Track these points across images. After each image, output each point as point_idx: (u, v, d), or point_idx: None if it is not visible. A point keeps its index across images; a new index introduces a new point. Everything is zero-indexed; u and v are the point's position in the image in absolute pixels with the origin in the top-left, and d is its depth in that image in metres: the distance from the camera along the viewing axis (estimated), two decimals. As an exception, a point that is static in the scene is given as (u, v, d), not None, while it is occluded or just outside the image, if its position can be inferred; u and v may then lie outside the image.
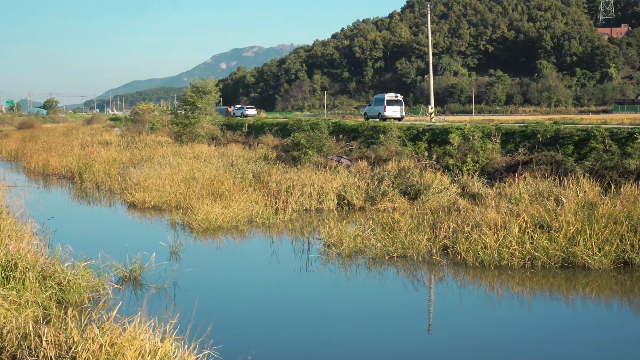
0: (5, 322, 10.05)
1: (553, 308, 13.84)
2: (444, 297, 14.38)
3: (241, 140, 54.02)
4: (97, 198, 29.71)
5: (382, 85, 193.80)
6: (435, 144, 34.39)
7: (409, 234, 17.64)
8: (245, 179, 27.02)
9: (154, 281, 14.92)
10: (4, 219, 18.12)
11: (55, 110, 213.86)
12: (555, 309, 13.80)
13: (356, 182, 25.53)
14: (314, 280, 15.58)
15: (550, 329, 12.54)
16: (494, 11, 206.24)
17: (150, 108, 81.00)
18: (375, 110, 54.21)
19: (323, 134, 38.28)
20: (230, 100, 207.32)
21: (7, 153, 55.34)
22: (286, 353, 11.13)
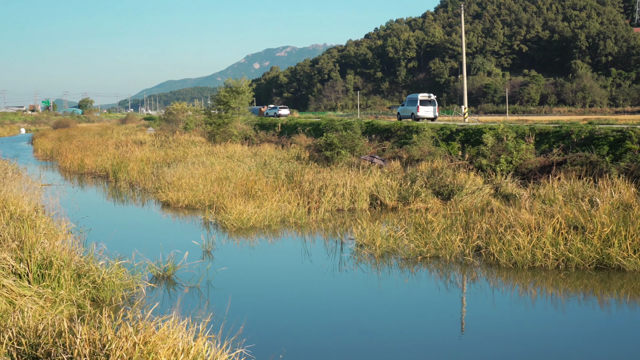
0: (41, 320, 10.15)
1: (587, 310, 13.73)
2: (477, 298, 14.31)
3: (274, 140, 54.13)
4: (131, 197, 29.91)
5: (415, 85, 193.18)
6: (469, 144, 34.26)
7: (441, 234, 17.59)
8: (278, 179, 27.07)
9: (187, 280, 15.00)
10: (39, 218, 18.31)
11: (90, 109, 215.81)
12: (589, 311, 13.69)
13: (389, 182, 25.49)
14: (346, 280, 15.58)
15: (584, 331, 12.45)
16: (528, 11, 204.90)
17: (183, 108, 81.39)
18: (408, 111, 54.09)
19: (356, 134, 38.24)
20: (264, 100, 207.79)
21: (42, 152, 55.84)
22: (317, 352, 11.14)
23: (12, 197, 20.99)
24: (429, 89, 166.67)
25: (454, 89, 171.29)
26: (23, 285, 11.96)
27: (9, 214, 18.37)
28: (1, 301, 11.15)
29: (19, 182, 25.68)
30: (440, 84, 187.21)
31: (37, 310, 10.96)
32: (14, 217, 18.11)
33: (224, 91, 57.34)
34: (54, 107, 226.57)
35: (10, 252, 13.01)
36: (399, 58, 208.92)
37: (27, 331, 9.46)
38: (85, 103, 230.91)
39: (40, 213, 19.92)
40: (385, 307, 13.76)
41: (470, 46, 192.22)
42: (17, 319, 10.00)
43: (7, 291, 11.48)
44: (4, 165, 31.33)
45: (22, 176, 28.85)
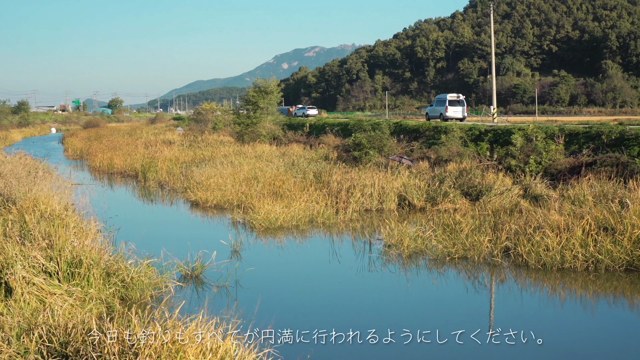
0: (70, 318, 10.23)
1: (617, 312, 13.64)
2: (505, 299, 14.26)
3: (302, 140, 54.15)
4: (160, 197, 30.07)
5: (444, 86, 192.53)
6: (498, 144, 34.09)
7: (470, 235, 17.53)
8: (306, 179, 27.10)
9: (215, 279, 15.06)
10: (69, 217, 18.47)
11: (120, 109, 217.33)
12: (619, 313, 13.60)
13: (417, 183, 25.43)
14: (374, 281, 15.57)
15: (613, 334, 12.36)
16: (558, 10, 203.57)
17: (212, 108, 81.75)
18: (437, 111, 53.91)
19: (384, 134, 38.22)
20: (292, 100, 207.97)
21: (72, 152, 56.27)
22: (345, 354, 11.14)
23: (43, 196, 21.16)
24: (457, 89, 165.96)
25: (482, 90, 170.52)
26: (53, 284, 12.06)
27: (40, 213, 18.53)
28: (32, 299, 11.25)
29: (49, 182, 25.90)
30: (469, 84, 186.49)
31: (66, 309, 11.05)
32: (44, 216, 18.27)
33: (252, 91, 57.49)
34: (84, 107, 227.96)
35: (41, 250, 13.13)
36: (428, 58, 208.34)
37: (57, 329, 9.54)
38: (115, 103, 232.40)
39: (70, 212, 20.08)
40: (413, 309, 13.75)
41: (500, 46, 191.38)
42: (47, 317, 10.09)
43: (37, 289, 11.59)
44: (35, 164, 31.59)
45: (52, 175, 29.09)
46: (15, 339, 9.30)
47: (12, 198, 21.50)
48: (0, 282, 11.71)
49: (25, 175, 26.36)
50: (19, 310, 10.69)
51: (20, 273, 11.63)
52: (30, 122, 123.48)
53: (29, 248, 13.23)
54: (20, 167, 29.07)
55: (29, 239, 14.62)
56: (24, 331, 9.65)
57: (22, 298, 11.18)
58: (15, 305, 10.91)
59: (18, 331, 9.60)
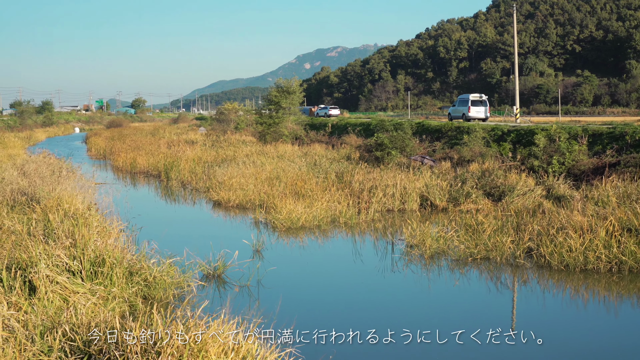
0: (93, 317, 10.29)
1: (641, 314, 13.56)
2: (528, 300, 14.21)
3: (324, 140, 54.17)
4: (182, 196, 30.18)
5: (467, 86, 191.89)
6: (520, 145, 33.96)
7: (492, 235, 17.47)
8: (328, 179, 27.11)
9: (237, 279, 15.09)
10: (92, 216, 18.57)
11: (143, 109, 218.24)
12: (643, 314, 13.52)
13: (439, 183, 25.37)
14: (396, 281, 15.56)
15: (637, 335, 12.29)
16: (582, 10, 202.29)
17: (235, 108, 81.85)
18: (459, 111, 53.76)
19: (406, 135, 38.18)
20: (314, 100, 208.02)
21: (96, 151, 56.57)
22: (367, 353, 11.14)
23: (67, 195, 21.29)
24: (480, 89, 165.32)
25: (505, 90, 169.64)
26: (76, 283, 12.13)
27: (63, 212, 18.64)
28: (55, 298, 11.32)
29: (73, 181, 26.05)
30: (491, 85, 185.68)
31: (89, 307, 11.11)
32: (68, 215, 18.37)
33: (275, 91, 57.57)
34: (108, 107, 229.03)
35: (64, 249, 13.20)
36: (450, 58, 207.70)
37: (80, 328, 9.59)
38: (138, 103, 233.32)
39: (93, 211, 20.18)
40: (436, 309, 13.72)
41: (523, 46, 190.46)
42: (71, 316, 10.15)
43: (61, 288, 11.66)
44: (58, 164, 31.78)
45: (76, 175, 29.25)
46: (39, 337, 9.36)
47: (36, 197, 21.64)
48: (25, 280, 11.79)
49: (49, 174, 26.53)
50: (42, 309, 10.76)
51: (44, 272, 11.71)
52: (54, 121, 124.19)
53: (52, 247, 13.32)
54: (44, 167, 29.25)
55: (52, 237, 14.72)
56: (47, 329, 9.72)
57: (46, 296, 11.24)
58: (39, 303, 10.98)
59: (42, 329, 9.67)
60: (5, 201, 21.53)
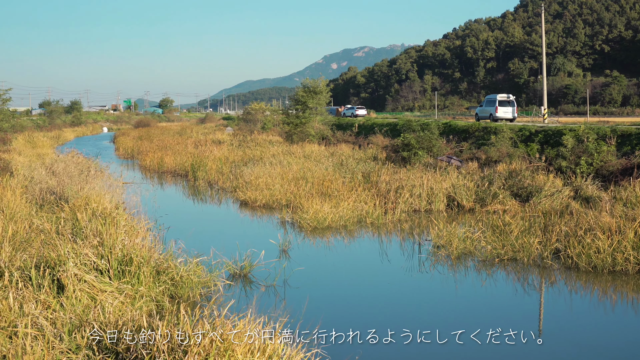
0: (121, 315, 10.35)
1: (670, 316, 13.45)
2: (555, 301, 14.13)
3: (351, 140, 54.11)
4: (209, 196, 30.28)
5: (494, 86, 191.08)
6: (548, 145, 33.77)
7: (519, 236, 17.39)
8: (355, 179, 27.10)
9: (264, 278, 15.13)
10: (120, 215, 18.67)
11: (170, 109, 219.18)
12: (672, 317, 13.41)
13: (466, 184, 25.29)
14: (423, 282, 15.53)
15: (667, 338, 12.19)
16: (611, 10, 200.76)
17: (262, 108, 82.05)
18: (487, 111, 53.50)
19: (433, 135, 38.06)
20: (341, 100, 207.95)
21: (124, 151, 56.89)
22: (394, 354, 11.12)
23: (95, 194, 21.44)
24: (507, 89, 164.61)
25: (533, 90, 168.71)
26: (104, 281, 12.21)
27: (91, 211, 18.77)
28: (83, 296, 11.40)
29: (101, 180, 26.23)
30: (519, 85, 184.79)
31: (117, 306, 11.18)
32: (95, 214, 18.50)
33: (301, 91, 57.63)
34: (135, 107, 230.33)
35: (92, 248, 13.29)
36: (478, 58, 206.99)
37: (108, 326, 9.66)
38: (166, 103, 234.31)
39: (121, 210, 20.30)
40: (462, 310, 13.67)
41: (551, 46, 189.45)
42: (98, 314, 10.22)
43: (88, 286, 11.74)
44: (87, 163, 32.00)
45: (104, 174, 29.44)
46: (67, 335, 9.44)
47: (64, 196, 21.82)
48: (53, 279, 11.88)
49: (78, 173, 26.72)
50: (70, 307, 10.84)
51: (72, 270, 11.79)
52: (83, 121, 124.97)
53: (80, 246, 13.40)
54: (73, 166, 29.47)
55: (80, 236, 14.83)
56: (75, 328, 9.79)
57: (74, 295, 11.32)
58: (68, 302, 11.06)
59: (70, 327, 9.74)
60: (35, 200, 21.72)
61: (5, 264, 12.47)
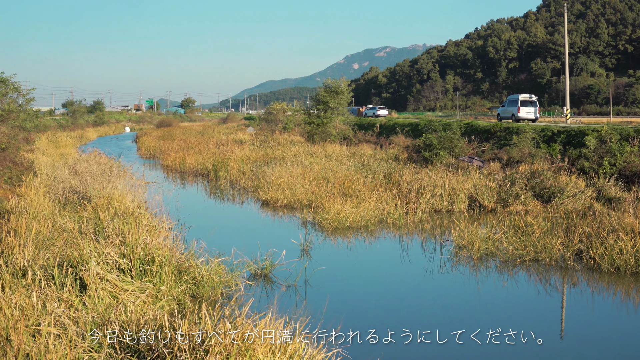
0: (143, 314, 10.40)
1: (694, 318, 13.35)
2: (577, 303, 14.06)
3: (372, 140, 54.06)
4: (231, 195, 30.35)
5: (516, 86, 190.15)
6: (570, 146, 33.59)
7: (541, 237, 17.33)
8: (376, 179, 27.09)
9: (285, 278, 15.15)
10: (142, 215, 18.78)
11: (192, 109, 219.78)
12: (696, 319, 13.31)
13: (488, 184, 25.21)
14: (444, 282, 15.50)
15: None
16: (634, 10, 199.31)
17: (283, 108, 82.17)
18: (509, 111, 53.30)
19: (455, 135, 37.95)
20: (362, 100, 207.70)
21: (146, 151, 57.10)
22: (415, 354, 11.11)
23: (117, 194, 21.56)
24: (530, 89, 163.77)
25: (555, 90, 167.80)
26: (126, 280, 12.27)
27: (114, 211, 18.88)
28: (105, 295, 11.46)
29: (123, 180, 26.36)
30: (541, 85, 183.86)
31: (139, 305, 11.23)
32: (118, 213, 18.61)
33: (323, 91, 57.64)
34: (158, 107, 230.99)
35: (114, 247, 13.37)
36: (500, 58, 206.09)
37: (130, 325, 9.70)
38: (188, 102, 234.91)
39: (143, 210, 20.43)
40: (484, 311, 13.64)
41: (573, 46, 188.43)
42: (120, 313, 10.27)
43: (111, 285, 11.80)
44: (109, 163, 32.16)
45: (126, 174, 29.56)
46: (89, 334, 9.49)
47: (87, 196, 21.94)
48: (76, 277, 11.96)
49: (100, 173, 26.86)
50: (93, 306, 10.90)
51: (95, 269, 11.86)
52: (105, 121, 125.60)
53: (103, 245, 13.49)
54: (95, 166, 29.63)
55: (103, 236, 14.91)
56: (97, 326, 9.84)
57: (96, 294, 11.39)
58: (90, 301, 11.12)
59: (92, 326, 9.79)
60: (58, 199, 21.87)
61: (28, 262, 12.56)
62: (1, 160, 30.59)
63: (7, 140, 34.25)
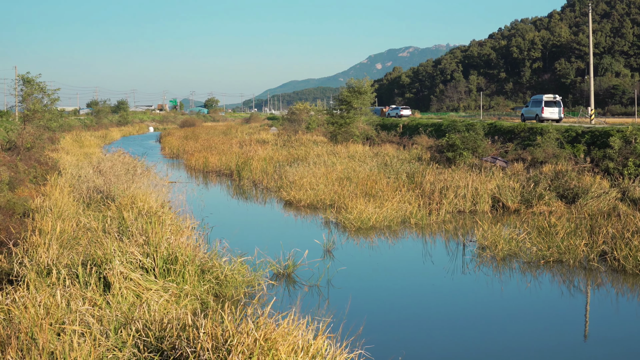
0: (166, 313, 10.44)
1: None
2: (601, 304, 13.98)
3: (395, 140, 54.00)
4: (253, 195, 30.40)
5: (540, 86, 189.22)
6: (595, 146, 33.40)
7: (565, 238, 17.25)
8: (399, 179, 27.06)
9: (307, 278, 15.16)
10: (165, 214, 18.84)
11: (216, 109, 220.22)
12: None
13: (511, 184, 25.12)
14: (467, 283, 15.46)
15: None
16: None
17: (306, 108, 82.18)
18: (533, 112, 53.06)
19: (478, 135, 37.83)
20: (385, 100, 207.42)
21: (169, 150, 57.32)
22: (437, 355, 11.09)
23: (140, 193, 21.67)
24: (554, 89, 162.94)
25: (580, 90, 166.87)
26: (149, 279, 12.33)
27: (137, 210, 18.97)
28: (129, 294, 11.52)
29: (147, 179, 26.48)
30: (565, 85, 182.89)
31: (162, 304, 11.28)
32: (141, 213, 18.69)
33: (346, 91, 57.63)
34: (181, 107, 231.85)
35: (138, 247, 13.43)
36: (524, 58, 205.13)
37: (153, 324, 9.74)
38: (211, 102, 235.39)
39: (166, 209, 20.51)
40: (507, 312, 13.59)
41: (598, 46, 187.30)
42: (144, 312, 10.31)
43: (134, 284, 11.86)
44: (133, 162, 32.31)
45: (150, 173, 29.70)
46: (113, 333, 9.54)
47: (111, 195, 22.06)
48: (100, 276, 12.02)
49: (124, 173, 27.01)
50: (116, 305, 10.96)
51: (118, 268, 11.92)
52: (129, 121, 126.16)
53: (126, 244, 13.55)
54: (119, 165, 29.81)
55: (126, 235, 14.98)
56: (121, 325, 9.89)
57: (120, 293, 11.44)
58: (113, 299, 11.18)
59: (116, 325, 9.84)
60: (82, 199, 22.00)
61: (53, 261, 12.64)
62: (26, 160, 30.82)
63: (33, 140, 34.53)
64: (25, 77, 39.01)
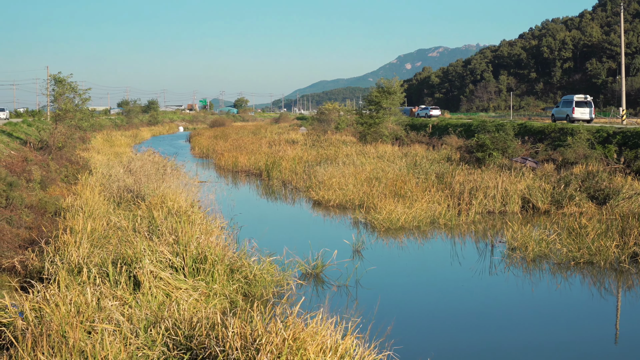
0: (195, 312, 10.49)
1: None
2: (632, 306, 13.87)
3: (425, 140, 53.88)
4: (283, 195, 30.44)
5: (571, 87, 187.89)
6: (626, 147, 33.13)
7: (596, 239, 17.12)
8: (428, 180, 27.00)
9: (336, 278, 15.16)
10: (195, 214, 18.93)
11: (245, 109, 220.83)
12: None
13: (541, 185, 24.97)
14: (497, 284, 15.39)
15: None
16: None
17: (335, 108, 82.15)
18: (563, 112, 52.72)
19: (508, 136, 37.66)
20: (415, 100, 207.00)
21: (199, 150, 57.55)
22: (466, 356, 11.05)
23: (170, 193, 21.77)
24: (585, 90, 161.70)
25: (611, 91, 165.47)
26: (179, 279, 12.39)
27: (167, 209, 19.07)
28: (159, 293, 11.58)
29: (177, 179, 26.61)
30: (597, 85, 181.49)
31: (191, 303, 11.33)
32: (171, 212, 18.79)
33: (375, 91, 57.59)
34: (211, 107, 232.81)
35: (168, 246, 13.51)
36: (554, 58, 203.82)
37: (182, 323, 9.79)
38: (241, 102, 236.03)
39: (196, 209, 20.60)
40: (537, 314, 13.50)
41: (630, 46, 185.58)
42: (173, 311, 10.37)
43: (164, 284, 11.93)
44: (163, 162, 32.47)
45: (180, 173, 29.84)
46: (142, 331, 9.59)
47: (141, 194, 22.20)
48: (130, 275, 12.10)
49: (154, 172, 27.14)
50: (146, 304, 11.03)
51: (148, 267, 12.00)
52: (159, 120, 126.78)
53: (156, 243, 13.63)
54: (150, 165, 29.96)
55: (156, 234, 15.08)
56: (151, 324, 9.95)
57: (150, 292, 11.52)
58: (143, 298, 11.25)
59: (145, 324, 9.90)
60: (112, 198, 22.15)
61: (83, 260, 12.75)
62: (58, 159, 31.10)
63: (64, 139, 34.84)
64: (57, 77, 39.34)
